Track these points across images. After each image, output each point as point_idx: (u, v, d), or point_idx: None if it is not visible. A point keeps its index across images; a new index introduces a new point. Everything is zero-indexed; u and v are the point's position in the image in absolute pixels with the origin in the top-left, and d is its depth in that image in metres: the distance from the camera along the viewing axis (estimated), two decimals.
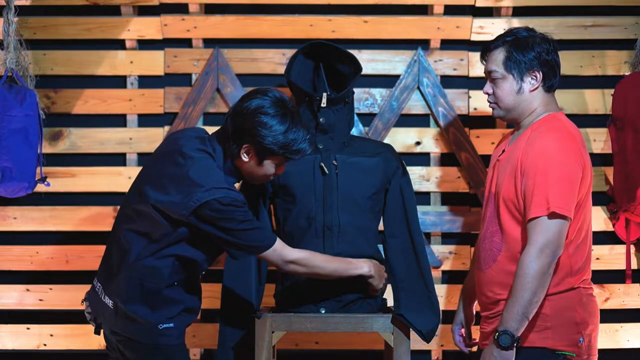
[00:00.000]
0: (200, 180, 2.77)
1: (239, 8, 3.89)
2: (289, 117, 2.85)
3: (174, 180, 2.80)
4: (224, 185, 2.79)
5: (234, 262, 3.22)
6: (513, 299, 2.79)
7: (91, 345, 3.82)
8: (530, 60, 2.94)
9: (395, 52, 3.89)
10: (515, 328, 2.78)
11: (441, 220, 3.85)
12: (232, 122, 2.86)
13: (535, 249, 2.78)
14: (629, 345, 3.85)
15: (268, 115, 2.82)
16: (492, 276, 2.96)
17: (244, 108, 2.84)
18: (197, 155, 2.84)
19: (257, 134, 2.82)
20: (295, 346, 3.82)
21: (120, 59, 3.88)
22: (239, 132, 2.84)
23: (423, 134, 3.88)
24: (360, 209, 3.18)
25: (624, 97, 3.65)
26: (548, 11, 3.91)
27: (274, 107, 2.83)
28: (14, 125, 3.59)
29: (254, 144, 2.84)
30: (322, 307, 3.16)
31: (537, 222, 2.80)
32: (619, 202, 3.71)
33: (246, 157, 2.86)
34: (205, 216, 2.77)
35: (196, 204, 2.75)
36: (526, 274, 2.77)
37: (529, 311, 2.78)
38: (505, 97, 2.98)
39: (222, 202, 2.75)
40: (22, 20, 3.78)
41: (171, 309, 2.86)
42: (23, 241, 3.86)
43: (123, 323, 2.86)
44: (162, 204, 2.79)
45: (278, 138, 2.82)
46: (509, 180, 2.92)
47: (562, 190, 2.80)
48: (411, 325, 3.07)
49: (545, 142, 2.86)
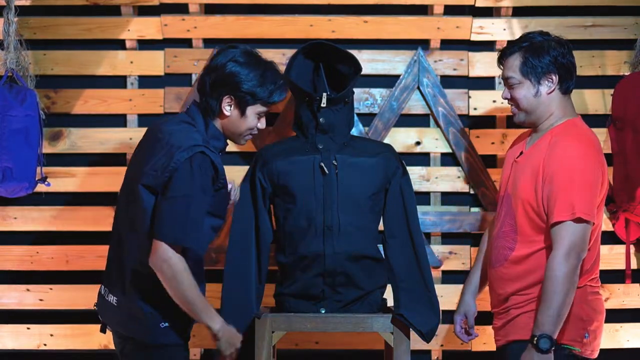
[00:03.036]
0: (179, 143, 2.78)
1: (239, 8, 3.89)
2: (262, 61, 2.92)
3: (157, 152, 2.81)
4: (201, 143, 2.80)
5: (234, 263, 3.23)
6: (546, 303, 2.88)
7: (91, 345, 3.82)
8: (546, 64, 3.03)
9: (395, 52, 3.89)
10: (552, 331, 2.88)
11: (441, 220, 3.85)
12: (207, 79, 2.89)
13: (562, 253, 2.88)
14: (629, 345, 3.85)
15: (241, 64, 2.87)
16: (503, 273, 3.06)
17: (216, 63, 2.89)
18: (176, 127, 2.87)
19: (234, 81, 2.86)
20: (295, 346, 3.82)
21: (120, 59, 3.88)
22: (216, 85, 2.87)
23: (423, 134, 3.88)
24: (360, 209, 3.18)
25: (623, 97, 3.65)
26: (548, 11, 3.91)
27: (245, 56, 2.89)
28: (14, 125, 3.59)
29: (233, 92, 2.87)
30: (322, 307, 3.16)
31: (563, 226, 2.90)
32: (618, 202, 3.71)
33: (228, 109, 2.89)
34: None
35: (177, 164, 2.75)
36: (556, 277, 2.87)
37: (563, 313, 2.88)
38: (523, 101, 3.07)
39: (194, 161, 2.76)
40: (22, 20, 3.78)
41: (173, 306, 2.82)
42: (23, 241, 3.86)
43: (125, 321, 2.86)
44: (149, 177, 2.78)
45: (255, 81, 2.87)
46: (528, 183, 3.01)
47: (585, 196, 2.92)
48: (411, 325, 3.07)
49: (568, 149, 2.96)
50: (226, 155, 3.83)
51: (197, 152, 2.77)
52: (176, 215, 2.74)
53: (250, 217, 3.25)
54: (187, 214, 2.74)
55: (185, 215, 2.74)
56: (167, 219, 2.74)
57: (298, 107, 3.25)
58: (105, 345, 3.81)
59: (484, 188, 3.83)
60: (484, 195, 3.83)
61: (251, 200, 3.25)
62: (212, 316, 2.83)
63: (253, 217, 3.25)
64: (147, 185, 2.79)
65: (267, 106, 2.93)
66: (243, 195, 3.26)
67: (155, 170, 2.78)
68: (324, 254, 3.13)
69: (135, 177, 2.84)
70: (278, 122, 3.83)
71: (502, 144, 3.85)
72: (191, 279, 2.77)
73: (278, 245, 3.26)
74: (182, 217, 2.74)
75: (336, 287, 3.15)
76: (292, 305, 3.19)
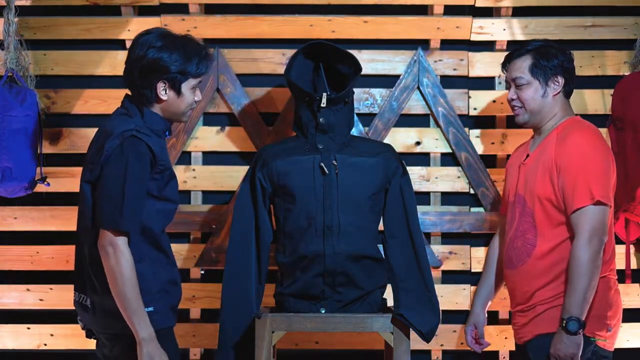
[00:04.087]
0: (110, 131, 2.80)
1: (239, 8, 3.89)
2: (178, 38, 2.91)
3: (92, 147, 2.86)
4: (132, 127, 2.80)
5: (234, 263, 3.23)
6: (572, 287, 2.99)
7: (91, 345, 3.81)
8: (554, 66, 3.20)
9: (395, 52, 3.89)
10: (579, 313, 2.98)
11: (441, 220, 3.85)
12: (134, 71, 2.88)
13: (584, 239, 3.01)
14: (628, 345, 3.85)
15: (160, 47, 2.86)
16: (527, 270, 3.15)
17: (136, 54, 2.88)
18: (111, 122, 2.88)
19: (160, 65, 2.85)
20: (295, 346, 3.82)
21: (120, 59, 3.87)
22: (144, 75, 2.87)
23: (423, 134, 3.88)
24: (360, 209, 3.19)
25: (623, 97, 3.65)
26: (548, 11, 3.91)
27: (161, 39, 2.88)
28: (14, 126, 3.59)
29: (164, 76, 2.87)
30: (322, 307, 3.16)
31: (583, 212, 3.03)
32: (618, 202, 3.70)
33: (164, 93, 2.89)
34: None
35: (109, 152, 2.76)
36: (580, 262, 2.99)
37: (589, 296, 3.00)
38: (530, 101, 3.21)
39: (124, 146, 2.76)
40: (22, 21, 3.78)
41: (147, 291, 2.78)
42: (23, 241, 3.86)
43: (102, 320, 2.83)
44: (87, 173, 2.81)
45: (180, 59, 2.87)
46: (543, 179, 3.12)
47: (602, 180, 3.06)
48: (411, 325, 3.07)
49: (578, 140, 3.10)
50: (226, 156, 3.86)
51: (127, 137, 2.77)
52: (111, 200, 2.74)
53: (250, 217, 3.25)
54: (122, 197, 2.73)
55: (120, 199, 2.73)
56: (103, 205, 2.75)
57: (298, 107, 3.25)
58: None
59: (484, 188, 3.83)
60: (484, 195, 3.83)
61: (251, 200, 3.26)
62: (143, 322, 2.73)
63: (253, 217, 3.25)
64: (87, 181, 2.82)
65: (198, 77, 2.94)
66: (243, 195, 3.27)
67: (92, 164, 2.81)
68: (324, 254, 3.13)
69: (81, 176, 2.88)
70: (278, 122, 3.83)
71: (502, 144, 3.85)
72: (132, 273, 2.72)
73: (278, 245, 3.26)
74: (117, 201, 2.73)
75: (336, 287, 3.15)
76: (292, 305, 3.19)
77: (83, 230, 2.87)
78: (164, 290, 2.85)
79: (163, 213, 2.89)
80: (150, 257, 2.84)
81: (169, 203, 2.91)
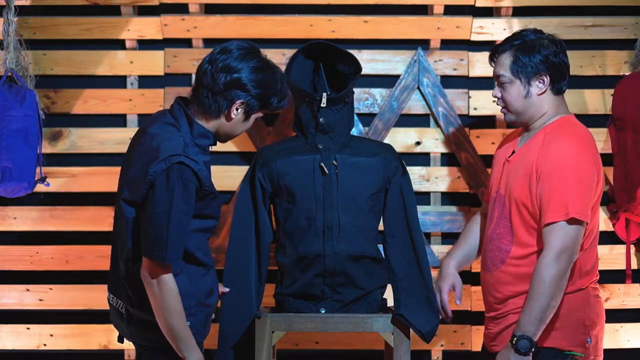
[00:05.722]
0: (157, 150, 2.70)
1: (239, 8, 3.89)
2: (277, 71, 2.87)
3: (136, 161, 2.75)
4: (180, 152, 2.70)
5: (234, 262, 3.22)
6: (531, 304, 2.81)
7: (91, 345, 3.83)
8: (536, 64, 2.96)
9: (395, 52, 3.89)
10: (533, 333, 2.81)
11: (441, 220, 3.85)
12: (221, 77, 2.79)
13: (552, 254, 2.81)
14: (629, 345, 3.85)
15: (259, 70, 2.81)
16: (500, 277, 3.00)
17: (232, 64, 2.80)
18: (158, 131, 2.79)
19: (251, 89, 2.80)
20: (295, 346, 3.82)
21: (120, 59, 3.88)
22: (230, 87, 2.79)
23: (423, 134, 3.88)
24: (360, 209, 3.18)
25: (624, 97, 3.65)
26: (548, 11, 3.91)
27: (262, 63, 2.83)
28: (14, 125, 3.59)
29: (247, 99, 2.81)
30: (322, 307, 3.16)
31: (555, 227, 2.83)
32: (619, 202, 3.71)
33: (236, 112, 2.83)
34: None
35: (154, 177, 2.68)
36: (543, 278, 2.80)
37: (547, 315, 2.81)
38: (513, 101, 3.01)
39: (171, 173, 2.67)
40: (22, 20, 3.78)
41: (184, 305, 2.76)
42: (23, 241, 3.86)
43: (138, 330, 2.83)
44: (127, 191, 2.74)
45: (271, 91, 2.83)
46: (522, 183, 2.94)
47: (580, 195, 2.84)
48: (411, 325, 3.07)
49: (562, 147, 2.89)
50: (226, 156, 3.85)
51: (174, 163, 2.69)
52: (155, 231, 2.69)
53: (250, 217, 3.25)
54: (167, 229, 2.68)
55: (165, 232, 2.68)
56: (148, 237, 2.70)
57: (298, 107, 3.25)
58: (105, 345, 3.81)
59: (484, 188, 3.82)
60: (484, 195, 3.82)
61: (251, 200, 3.25)
62: (191, 348, 2.77)
63: (253, 217, 3.25)
64: (126, 200, 2.77)
65: (270, 112, 2.92)
66: (243, 195, 3.26)
67: (133, 183, 2.74)
68: (324, 253, 3.13)
69: (120, 188, 2.82)
70: (278, 122, 3.83)
71: None
72: (178, 304, 2.72)
73: (278, 245, 3.26)
74: (161, 233, 2.68)
75: (336, 287, 3.15)
76: (292, 305, 3.19)
77: (120, 245, 2.83)
78: (200, 303, 2.86)
79: (202, 230, 2.87)
80: (187, 271, 2.83)
81: (209, 220, 2.88)
